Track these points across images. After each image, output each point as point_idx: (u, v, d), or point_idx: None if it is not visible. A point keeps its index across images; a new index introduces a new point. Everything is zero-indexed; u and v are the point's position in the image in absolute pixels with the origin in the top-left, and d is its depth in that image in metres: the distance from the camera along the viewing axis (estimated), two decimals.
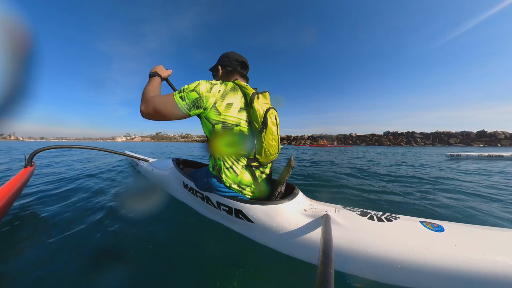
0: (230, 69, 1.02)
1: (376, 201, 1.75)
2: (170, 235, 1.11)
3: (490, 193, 2.05)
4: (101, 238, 1.04)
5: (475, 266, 0.59)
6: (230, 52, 1.05)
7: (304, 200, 0.98)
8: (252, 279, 0.79)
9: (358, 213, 0.84)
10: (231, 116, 0.87)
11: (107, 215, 1.30)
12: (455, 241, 0.66)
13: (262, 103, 0.92)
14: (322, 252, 0.50)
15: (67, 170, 2.84)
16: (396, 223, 0.76)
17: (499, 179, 2.87)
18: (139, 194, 1.79)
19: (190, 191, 1.20)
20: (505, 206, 1.66)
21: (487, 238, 0.67)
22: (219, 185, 0.95)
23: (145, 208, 1.38)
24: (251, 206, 0.89)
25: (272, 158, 0.97)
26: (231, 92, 0.89)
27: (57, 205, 1.43)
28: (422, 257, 0.63)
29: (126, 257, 0.91)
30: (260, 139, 0.89)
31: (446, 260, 0.61)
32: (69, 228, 1.11)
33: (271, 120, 0.91)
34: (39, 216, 1.27)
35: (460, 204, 1.68)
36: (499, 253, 0.61)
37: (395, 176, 2.96)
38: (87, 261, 0.88)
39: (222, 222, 1.08)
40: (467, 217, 1.42)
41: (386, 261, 0.66)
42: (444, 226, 0.74)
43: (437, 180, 2.73)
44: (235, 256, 0.94)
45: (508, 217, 1.41)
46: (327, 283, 0.38)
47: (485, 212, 1.51)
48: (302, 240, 0.79)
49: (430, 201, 1.76)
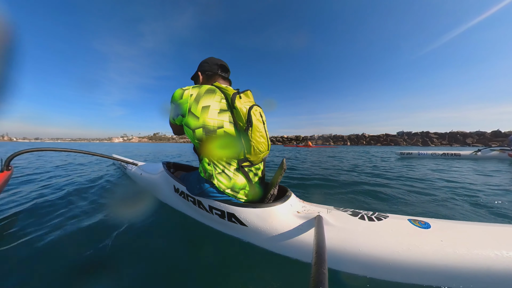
0: (210, 73, 1.03)
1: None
2: (160, 241, 1.07)
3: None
4: (84, 248, 0.98)
5: (460, 260, 0.62)
6: (209, 57, 1.06)
7: (297, 202, 0.99)
8: (246, 282, 0.78)
9: (349, 213, 0.86)
10: (211, 118, 0.86)
11: (92, 222, 1.23)
12: (441, 237, 0.69)
13: (245, 101, 0.91)
14: (316, 253, 0.50)
15: (48, 173, 2.68)
16: (386, 222, 0.79)
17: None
18: (127, 200, 1.72)
19: (181, 195, 1.17)
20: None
21: (470, 233, 0.71)
22: (212, 190, 0.93)
23: (133, 214, 1.33)
24: (244, 210, 0.88)
25: (262, 155, 0.96)
26: (206, 94, 0.88)
27: (38, 212, 1.34)
28: (411, 253, 0.65)
29: (112, 267, 0.86)
30: (247, 138, 0.88)
31: (433, 255, 0.64)
32: (47, 237, 1.05)
33: (256, 118, 0.89)
34: (15, 224, 1.19)
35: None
36: (481, 247, 0.64)
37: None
38: (68, 275, 0.82)
39: (215, 226, 1.06)
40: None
41: (377, 259, 0.67)
42: (431, 223, 0.77)
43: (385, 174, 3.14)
44: (228, 260, 0.92)
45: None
46: (321, 283, 0.38)
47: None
48: (296, 242, 0.79)
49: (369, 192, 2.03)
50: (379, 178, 2.83)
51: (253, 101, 1.00)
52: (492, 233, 0.70)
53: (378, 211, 0.92)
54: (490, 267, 0.60)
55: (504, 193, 2.08)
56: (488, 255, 0.62)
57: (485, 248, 0.64)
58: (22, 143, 38.21)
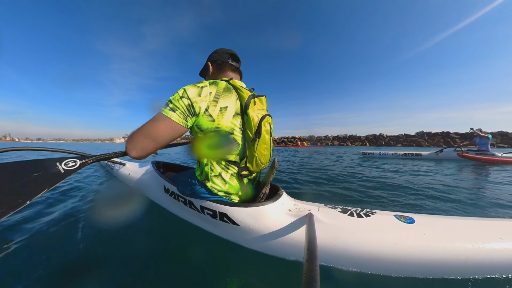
0: (220, 62, 0.96)
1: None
2: (150, 243, 1.05)
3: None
4: (71, 251, 0.94)
5: (441, 252, 0.66)
6: (218, 48, 1.01)
7: (288, 201, 1.00)
8: (237, 282, 0.78)
9: (339, 211, 0.88)
10: (225, 122, 0.79)
11: (78, 225, 1.17)
12: (424, 231, 0.73)
13: (258, 109, 0.86)
14: (307, 250, 0.51)
15: None
16: (373, 218, 0.82)
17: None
18: (115, 201, 1.65)
19: (172, 195, 1.14)
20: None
21: (451, 226, 0.75)
22: (204, 191, 0.91)
23: (121, 216, 1.28)
24: (236, 209, 0.87)
25: (263, 167, 0.94)
26: (224, 93, 0.79)
27: (15, 217, 1.26)
28: (397, 247, 0.69)
29: (101, 269, 0.83)
30: (251, 149, 0.84)
31: (417, 248, 0.68)
32: (32, 241, 0.99)
33: (265, 129, 0.85)
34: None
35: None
36: (460, 239, 0.69)
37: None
38: (54, 278, 0.78)
39: (206, 226, 1.04)
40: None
41: (366, 254, 0.70)
42: (415, 218, 0.81)
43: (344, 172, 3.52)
44: (219, 260, 0.92)
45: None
46: (313, 279, 0.39)
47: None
48: (288, 240, 0.80)
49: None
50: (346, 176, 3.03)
51: (265, 110, 0.94)
52: (469, 227, 0.75)
53: (367, 207, 0.95)
54: (468, 257, 0.65)
55: (448, 189, 2.23)
56: (466, 247, 0.66)
57: (463, 240, 0.68)
58: (24, 143, 35.72)
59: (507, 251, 0.65)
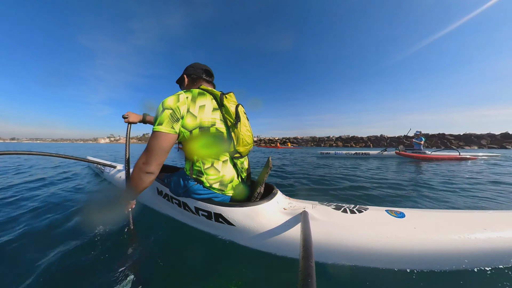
0: (194, 76, 1.07)
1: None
2: (144, 247, 1.02)
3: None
4: (63, 255, 0.90)
5: (430, 244, 0.69)
6: (194, 62, 1.12)
7: (283, 199, 1.00)
8: (234, 282, 0.78)
9: (333, 208, 0.90)
10: (206, 117, 0.90)
11: (69, 228, 1.13)
12: (414, 224, 0.76)
13: (230, 101, 1.00)
14: (303, 247, 0.51)
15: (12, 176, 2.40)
16: (366, 214, 0.84)
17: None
18: (106, 205, 1.60)
19: (165, 197, 1.13)
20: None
21: (439, 220, 0.78)
22: (198, 188, 0.92)
23: (113, 220, 1.24)
24: (231, 209, 0.87)
25: (249, 147, 1.04)
26: (199, 96, 0.93)
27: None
28: (388, 241, 0.71)
29: (92, 276, 0.81)
30: (236, 132, 0.95)
31: (408, 242, 0.70)
32: (18, 250, 0.94)
33: (242, 114, 1.00)
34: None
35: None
36: (448, 232, 0.72)
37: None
38: (47, 282, 0.75)
39: (201, 227, 1.03)
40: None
41: (359, 248, 0.72)
42: (405, 212, 0.84)
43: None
44: (216, 260, 0.91)
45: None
46: (309, 276, 0.39)
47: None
48: (284, 238, 0.81)
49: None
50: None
51: (236, 101, 1.06)
52: (457, 219, 0.78)
53: (359, 204, 0.98)
54: (455, 248, 0.68)
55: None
56: (454, 239, 0.69)
57: (451, 232, 0.71)
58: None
59: (490, 240, 0.68)
